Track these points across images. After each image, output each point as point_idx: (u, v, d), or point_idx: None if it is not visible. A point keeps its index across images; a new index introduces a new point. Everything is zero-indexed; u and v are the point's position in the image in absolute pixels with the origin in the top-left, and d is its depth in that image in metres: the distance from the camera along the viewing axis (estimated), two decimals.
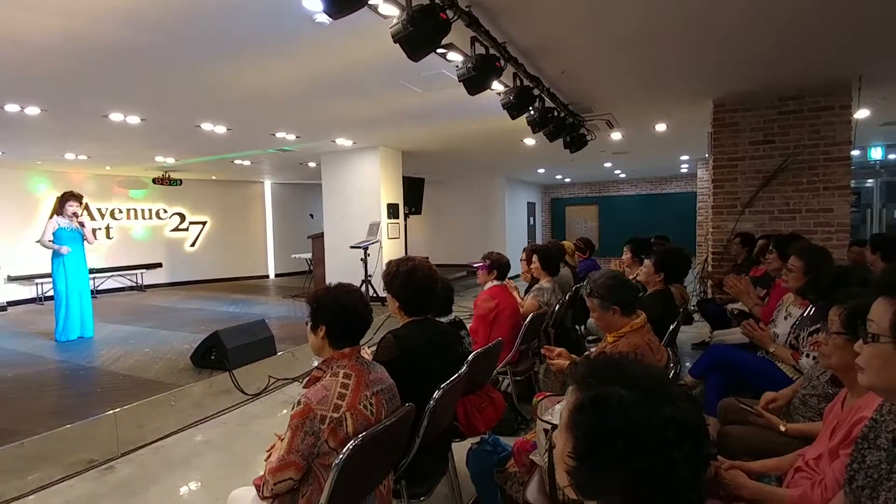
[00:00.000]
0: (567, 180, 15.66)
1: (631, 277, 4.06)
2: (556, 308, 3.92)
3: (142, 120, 5.61)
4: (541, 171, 12.61)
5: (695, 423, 0.78)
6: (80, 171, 9.78)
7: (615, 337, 2.26)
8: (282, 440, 1.58)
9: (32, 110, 5.04)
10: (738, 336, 3.20)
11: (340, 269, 8.07)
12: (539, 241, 15.63)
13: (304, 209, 12.66)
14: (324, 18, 2.98)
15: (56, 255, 5.78)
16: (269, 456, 1.72)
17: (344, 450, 1.47)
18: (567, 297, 4.18)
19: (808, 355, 2.53)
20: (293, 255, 11.03)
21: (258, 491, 1.62)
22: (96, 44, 3.47)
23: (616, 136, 7.34)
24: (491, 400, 2.55)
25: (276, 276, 12.79)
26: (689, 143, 8.57)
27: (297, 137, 6.98)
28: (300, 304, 8.05)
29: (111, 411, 3.53)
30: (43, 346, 5.69)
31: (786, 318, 2.91)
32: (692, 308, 5.35)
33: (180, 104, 5.16)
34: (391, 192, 8.48)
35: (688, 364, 3.93)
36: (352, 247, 7.72)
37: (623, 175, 14.28)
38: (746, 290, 3.72)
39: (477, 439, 2.49)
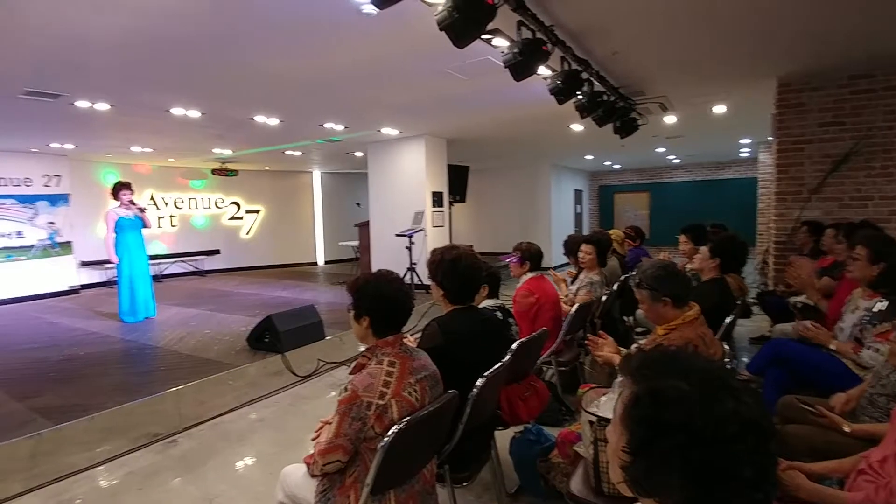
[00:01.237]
0: (616, 167, 15.14)
1: (689, 268, 3.90)
2: (603, 299, 3.82)
3: (202, 114, 5.88)
4: (589, 157, 12.27)
5: (759, 419, 0.74)
6: (145, 163, 10.39)
7: (666, 330, 2.17)
8: (329, 424, 1.63)
9: (102, 106, 5.37)
10: None
11: (386, 256, 8.22)
12: (586, 230, 15.26)
13: (351, 198, 12.93)
14: (371, 9, 2.99)
15: (120, 241, 6.18)
16: (318, 437, 1.79)
17: (388, 433, 1.51)
18: (616, 288, 4.07)
19: (869, 347, 2.36)
20: (340, 243, 11.30)
21: (308, 469, 1.70)
22: (158, 40, 3.64)
23: (670, 119, 7.02)
24: (535, 389, 2.53)
25: (325, 263, 13.15)
26: (751, 126, 8.08)
27: (344, 128, 7.10)
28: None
29: (174, 388, 3.77)
30: (112, 327, 6.12)
31: (853, 312, 2.72)
32: (751, 300, 5.09)
33: (235, 97, 5.36)
34: (436, 181, 8.50)
35: (745, 359, 3.76)
36: (397, 235, 7.83)
37: (677, 160, 13.65)
38: (811, 281, 3.48)
39: (520, 428, 2.50)
